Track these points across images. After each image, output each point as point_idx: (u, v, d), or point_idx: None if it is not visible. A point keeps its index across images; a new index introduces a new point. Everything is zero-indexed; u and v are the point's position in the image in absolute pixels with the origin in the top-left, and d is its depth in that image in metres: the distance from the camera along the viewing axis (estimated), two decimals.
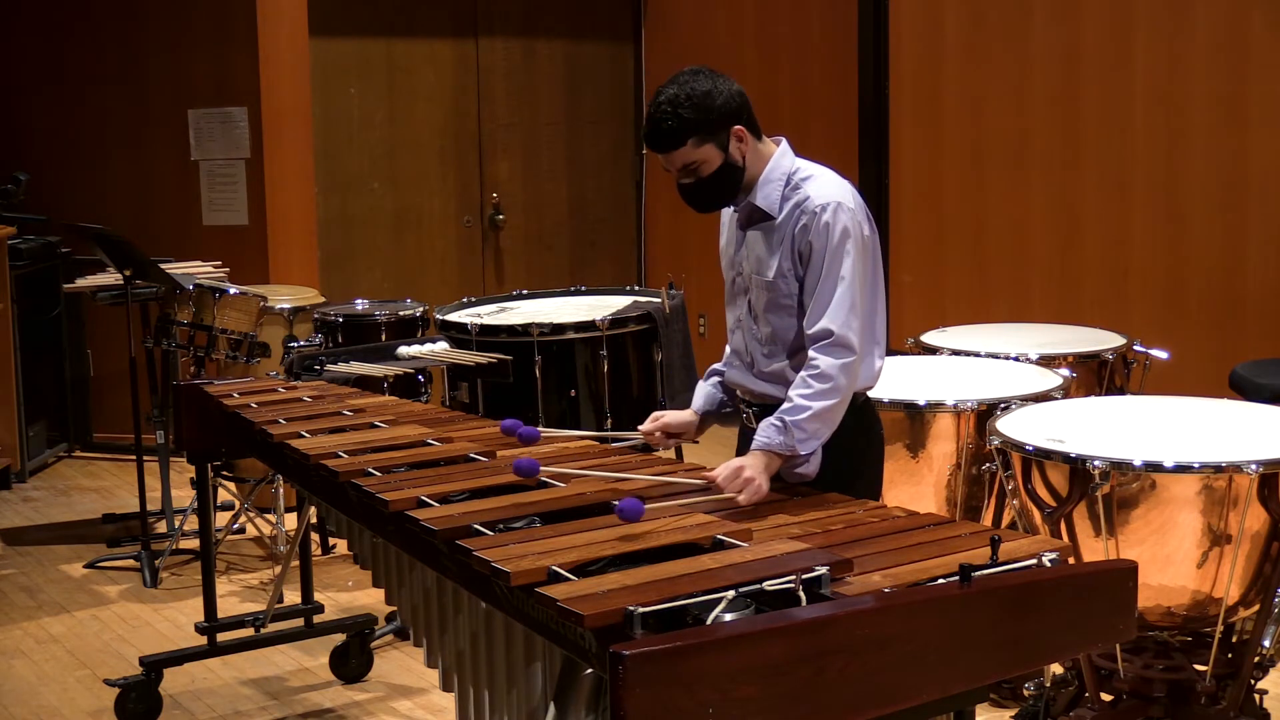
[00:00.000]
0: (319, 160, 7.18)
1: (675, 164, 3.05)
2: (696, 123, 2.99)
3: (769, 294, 3.08)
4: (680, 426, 3.29)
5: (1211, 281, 5.64)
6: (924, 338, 4.82)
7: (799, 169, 3.10)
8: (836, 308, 2.98)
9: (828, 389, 2.95)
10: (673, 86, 3.02)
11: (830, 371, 2.95)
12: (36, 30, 7.14)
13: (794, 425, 2.94)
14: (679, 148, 3.01)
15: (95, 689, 4.44)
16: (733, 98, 3.04)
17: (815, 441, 2.98)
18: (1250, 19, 5.48)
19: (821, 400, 2.95)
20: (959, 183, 6.58)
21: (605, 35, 8.12)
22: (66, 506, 6.43)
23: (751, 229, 3.13)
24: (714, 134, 3.01)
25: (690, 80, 3.01)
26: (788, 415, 2.95)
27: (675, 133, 3.00)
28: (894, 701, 2.11)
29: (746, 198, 3.11)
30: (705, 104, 2.99)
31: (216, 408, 3.93)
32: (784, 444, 2.95)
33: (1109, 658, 3.60)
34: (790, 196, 3.06)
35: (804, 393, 2.96)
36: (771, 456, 2.95)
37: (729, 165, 3.05)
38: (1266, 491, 3.30)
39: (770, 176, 3.09)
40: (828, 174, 3.11)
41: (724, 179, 3.06)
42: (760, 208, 3.09)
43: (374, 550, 3.18)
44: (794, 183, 3.07)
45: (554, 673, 2.43)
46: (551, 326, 4.93)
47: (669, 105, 2.99)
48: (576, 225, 8.16)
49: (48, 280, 6.98)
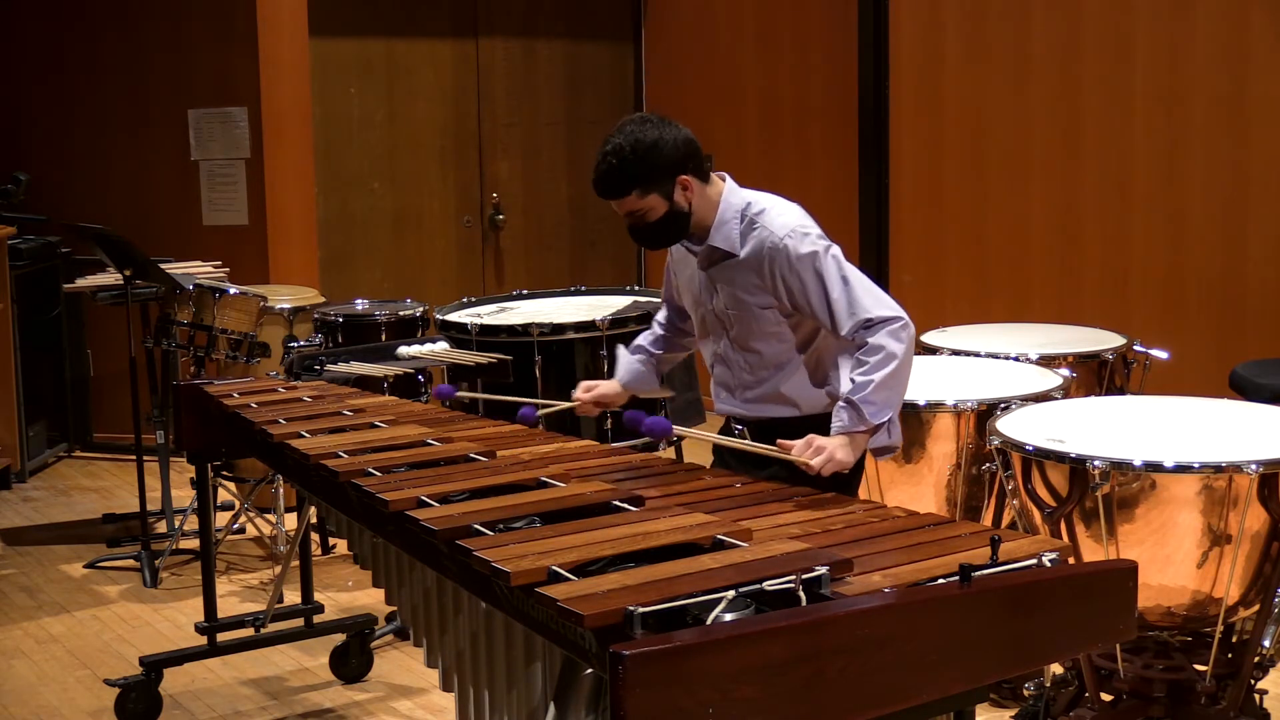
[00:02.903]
0: (319, 160, 7.18)
1: (621, 210, 3.15)
2: (639, 175, 3.08)
3: (757, 324, 3.18)
4: (610, 397, 3.50)
5: (1211, 281, 5.64)
6: (924, 338, 4.82)
7: (750, 203, 3.20)
8: (855, 302, 3.07)
9: (882, 358, 3.03)
10: (619, 136, 3.09)
11: (880, 342, 3.04)
12: (37, 30, 7.15)
13: (860, 401, 3.02)
14: (624, 197, 3.11)
15: (95, 689, 4.44)
16: (678, 147, 3.11)
17: (889, 410, 3.05)
18: (1250, 19, 5.48)
19: (880, 370, 3.02)
20: (959, 183, 6.58)
21: (605, 35, 8.12)
22: (66, 506, 6.43)
23: (714, 268, 3.21)
24: (658, 184, 3.10)
25: (636, 130, 3.09)
26: (852, 394, 3.03)
27: (619, 183, 3.09)
28: (894, 701, 2.11)
29: (706, 241, 3.19)
30: (649, 156, 3.07)
31: (216, 408, 3.93)
32: (856, 419, 3.02)
33: (1109, 658, 3.60)
34: (749, 232, 3.16)
35: (861, 370, 3.04)
36: (849, 435, 3.03)
37: (674, 212, 3.14)
38: (1266, 491, 3.30)
39: (724, 217, 3.18)
40: (778, 202, 3.22)
41: (669, 224, 3.15)
42: (721, 249, 3.18)
43: (374, 550, 3.18)
44: (748, 218, 3.17)
45: (554, 673, 2.43)
46: (551, 326, 4.93)
47: (614, 156, 3.08)
48: (576, 225, 8.16)
49: (48, 280, 6.98)
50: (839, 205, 7.02)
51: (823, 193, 7.17)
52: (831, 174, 7.09)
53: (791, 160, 7.33)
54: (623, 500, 2.72)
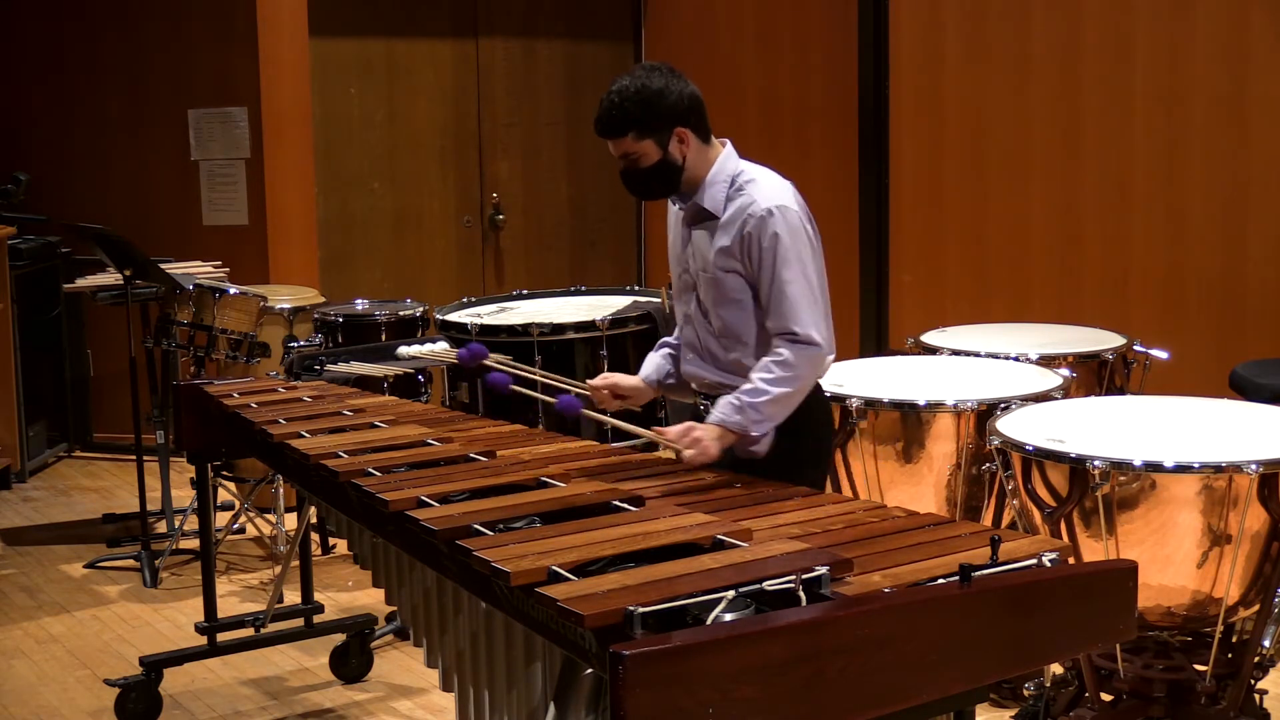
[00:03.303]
0: (319, 160, 7.18)
1: (616, 150, 3.22)
2: (639, 118, 3.16)
3: (717, 290, 3.23)
4: (628, 390, 3.45)
5: (1211, 281, 5.64)
6: (924, 338, 4.82)
7: (743, 171, 3.26)
8: (797, 308, 3.13)
9: (789, 376, 3.11)
10: (627, 78, 3.20)
11: (794, 361, 3.12)
12: (37, 30, 7.14)
13: (750, 406, 3.11)
14: (620, 137, 3.18)
15: (95, 689, 4.44)
16: (682, 99, 3.20)
17: (769, 424, 3.15)
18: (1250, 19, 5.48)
19: (781, 386, 3.12)
20: (959, 183, 6.58)
21: (605, 35, 8.12)
22: (66, 506, 6.43)
23: (697, 228, 3.29)
24: (655, 131, 3.18)
25: (645, 76, 3.19)
26: (746, 396, 3.13)
27: (618, 122, 3.17)
28: (894, 701, 2.11)
29: (693, 198, 3.26)
30: (652, 101, 3.16)
31: (216, 408, 3.93)
32: (739, 423, 3.12)
33: (1109, 658, 3.60)
34: (734, 198, 3.21)
35: (765, 377, 3.13)
36: (725, 431, 3.13)
37: (666, 162, 3.20)
38: (1266, 491, 3.30)
39: (715, 178, 3.24)
40: (771, 176, 3.27)
41: (660, 173, 3.22)
42: (705, 208, 3.24)
43: (374, 550, 3.18)
44: (738, 184, 3.23)
45: (554, 673, 2.43)
46: (551, 326, 4.93)
47: (618, 95, 3.16)
48: (576, 225, 8.16)
49: (48, 280, 6.98)
50: (839, 205, 7.02)
51: (823, 193, 7.16)
52: (831, 174, 7.09)
53: (791, 160, 7.29)
54: (623, 500, 2.72)
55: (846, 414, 4.02)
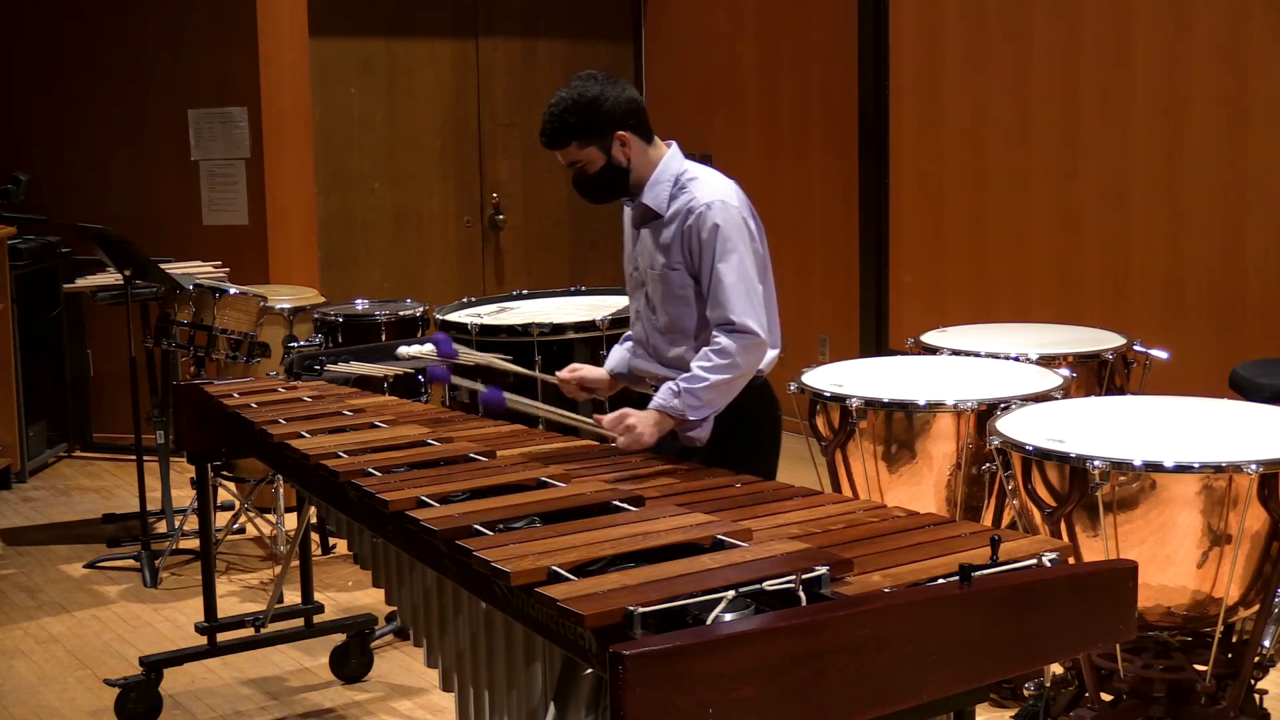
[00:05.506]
0: (319, 160, 7.18)
1: (564, 160, 3.35)
2: (579, 127, 3.29)
3: (663, 286, 3.35)
4: (594, 382, 3.59)
5: (1211, 281, 5.63)
6: (924, 338, 4.82)
7: (686, 170, 3.38)
8: (734, 297, 3.23)
9: (726, 364, 3.23)
10: (564, 90, 3.32)
11: (731, 349, 3.22)
12: (36, 30, 7.14)
13: (688, 392, 3.23)
14: (564, 147, 3.32)
15: (95, 689, 4.44)
16: (619, 105, 3.31)
17: (707, 410, 3.27)
18: (1250, 19, 5.47)
19: (719, 374, 3.23)
20: (959, 183, 6.58)
21: (605, 35, 8.12)
22: (66, 506, 6.43)
23: (644, 227, 3.40)
24: (596, 138, 3.31)
25: (582, 85, 3.31)
26: (685, 382, 3.24)
27: (559, 133, 3.30)
28: (894, 701, 2.11)
29: (639, 198, 3.38)
30: (589, 110, 3.28)
31: (216, 408, 3.93)
32: (676, 408, 3.25)
33: (1109, 658, 3.60)
34: (677, 195, 3.33)
35: (704, 365, 3.24)
36: (664, 416, 3.27)
37: (612, 166, 3.33)
38: (1266, 491, 3.30)
39: (659, 178, 3.36)
40: (713, 175, 3.39)
41: (608, 177, 3.35)
42: (650, 207, 3.36)
43: (374, 550, 3.18)
44: (681, 183, 3.35)
45: (554, 673, 2.43)
46: (551, 326, 4.93)
47: (557, 108, 3.30)
48: (576, 225, 8.16)
49: (48, 280, 6.98)
50: (839, 206, 7.02)
51: (823, 193, 7.18)
52: (831, 174, 7.09)
53: (791, 160, 7.33)
54: (623, 500, 2.72)
55: (846, 414, 4.02)
